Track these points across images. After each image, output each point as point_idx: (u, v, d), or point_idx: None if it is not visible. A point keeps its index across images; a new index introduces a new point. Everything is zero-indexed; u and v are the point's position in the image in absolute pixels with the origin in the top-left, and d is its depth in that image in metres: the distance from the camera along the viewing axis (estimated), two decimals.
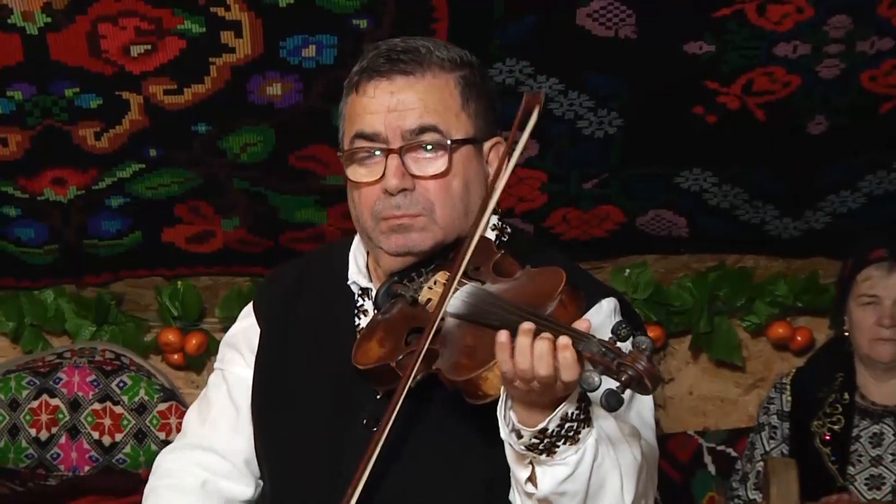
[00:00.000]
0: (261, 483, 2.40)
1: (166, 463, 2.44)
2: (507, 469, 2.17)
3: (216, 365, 2.49)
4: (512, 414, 2.08)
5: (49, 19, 3.52)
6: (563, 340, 2.00)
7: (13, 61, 3.62)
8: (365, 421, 2.24)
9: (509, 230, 2.38)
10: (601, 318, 2.20)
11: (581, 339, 2.01)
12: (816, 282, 4.25)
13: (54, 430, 4.09)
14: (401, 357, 2.19)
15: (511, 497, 2.20)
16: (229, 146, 3.89)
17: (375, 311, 2.32)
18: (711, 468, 4.07)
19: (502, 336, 2.01)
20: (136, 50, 3.61)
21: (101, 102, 3.75)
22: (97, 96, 3.74)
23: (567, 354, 1.99)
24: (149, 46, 3.60)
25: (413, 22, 3.49)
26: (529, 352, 1.98)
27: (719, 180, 3.98)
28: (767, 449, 3.70)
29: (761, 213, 4.10)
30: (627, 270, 4.25)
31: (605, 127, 3.81)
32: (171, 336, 4.30)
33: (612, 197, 4.08)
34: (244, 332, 2.44)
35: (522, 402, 2.06)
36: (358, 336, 2.31)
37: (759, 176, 3.98)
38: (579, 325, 2.02)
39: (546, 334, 1.99)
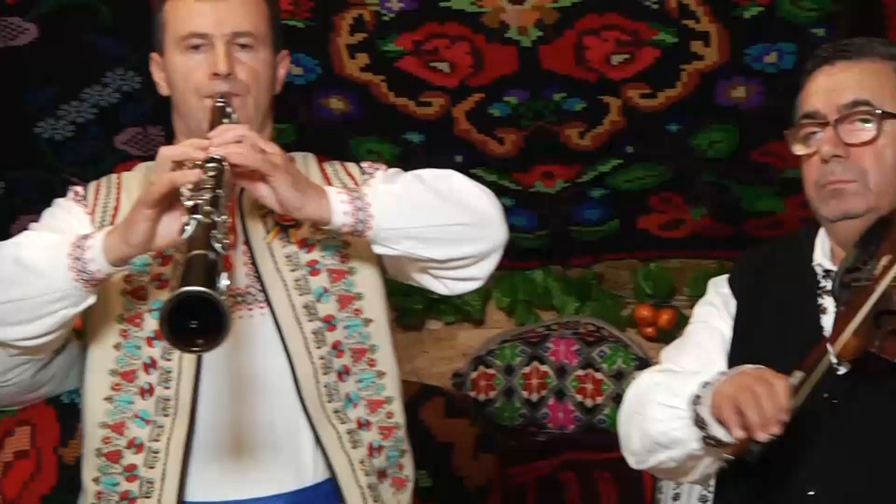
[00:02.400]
0: None
1: (638, 380, 2.62)
2: None
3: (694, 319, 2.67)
4: None
5: (541, 33, 3.71)
6: None
7: (509, 70, 3.85)
8: (826, 395, 2.34)
9: None
10: None
11: None
12: None
13: (543, 392, 4.31)
14: (878, 342, 2.29)
15: None
16: (697, 143, 4.05)
17: (836, 305, 2.43)
18: None
19: None
20: (616, 59, 3.79)
21: (585, 106, 3.94)
22: (581, 100, 3.93)
23: None
24: (627, 56, 3.78)
25: (866, 30, 3.52)
26: None
27: None
28: None
29: None
30: None
31: None
32: (645, 312, 4.52)
33: None
34: (722, 297, 2.62)
35: None
36: (821, 315, 2.45)
37: None
38: None
39: None
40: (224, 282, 2.27)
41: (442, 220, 2.63)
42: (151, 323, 2.67)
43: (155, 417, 2.67)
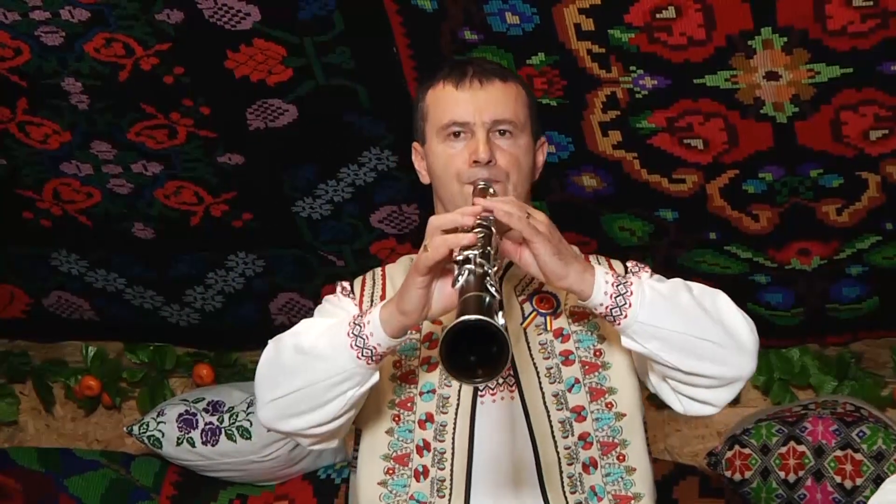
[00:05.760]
0: None
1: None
2: None
3: None
4: None
5: (796, 109, 3.66)
6: None
7: (765, 147, 3.80)
8: None
9: None
10: None
11: None
12: None
13: (801, 473, 4.19)
14: None
15: None
16: None
17: None
18: None
19: None
20: (874, 134, 3.71)
21: (842, 182, 3.86)
22: (839, 176, 3.85)
23: None
24: (886, 131, 3.69)
25: None
26: None
27: None
28: None
29: None
30: None
31: None
32: None
33: None
34: None
35: None
36: None
37: None
38: None
39: None
40: (501, 320, 2.31)
41: (698, 331, 2.60)
42: (423, 406, 2.74)
43: (431, 499, 2.72)
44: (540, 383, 2.75)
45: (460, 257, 2.45)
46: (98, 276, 4.70)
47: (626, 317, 2.59)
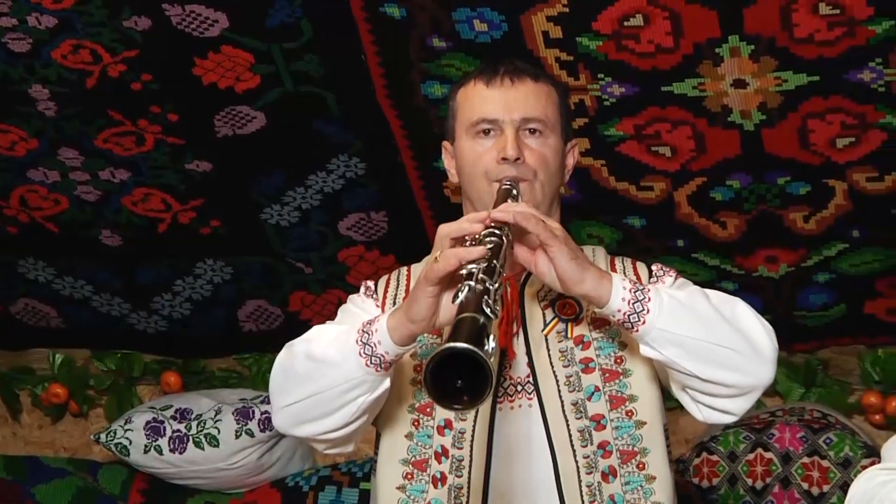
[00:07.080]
0: None
1: (860, 478, 2.59)
2: None
3: None
4: None
5: (764, 117, 3.69)
6: None
7: (732, 154, 3.82)
8: None
9: None
10: None
11: None
12: None
13: (768, 480, 4.18)
14: None
15: None
16: None
17: None
18: None
19: None
20: (841, 142, 3.72)
21: (810, 189, 3.88)
22: (806, 184, 3.86)
23: None
24: (853, 139, 3.71)
25: None
26: None
27: None
28: None
29: None
30: None
31: None
32: (873, 398, 4.36)
33: None
34: None
35: None
36: None
37: None
38: None
39: None
40: (491, 344, 2.28)
41: (716, 339, 2.59)
42: (442, 412, 2.73)
43: None
44: (559, 392, 2.73)
45: (464, 271, 2.44)
46: (65, 284, 4.67)
47: (643, 323, 2.57)
